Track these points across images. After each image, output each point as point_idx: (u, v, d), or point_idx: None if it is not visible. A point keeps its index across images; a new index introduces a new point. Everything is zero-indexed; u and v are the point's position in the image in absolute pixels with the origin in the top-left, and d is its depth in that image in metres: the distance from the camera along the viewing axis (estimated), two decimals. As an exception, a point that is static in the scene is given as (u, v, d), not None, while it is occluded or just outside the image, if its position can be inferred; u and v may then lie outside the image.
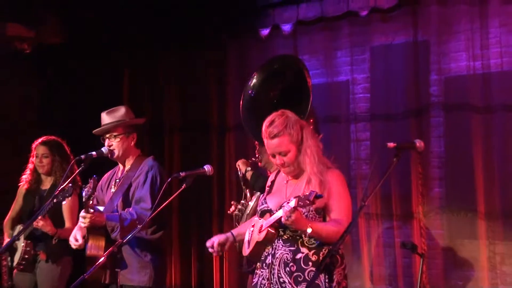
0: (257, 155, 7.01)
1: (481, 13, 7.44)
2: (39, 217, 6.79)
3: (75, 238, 6.29)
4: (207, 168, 5.69)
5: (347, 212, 5.12)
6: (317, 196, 4.75)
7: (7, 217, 7.59)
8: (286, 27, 8.68)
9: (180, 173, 5.60)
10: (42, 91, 10.20)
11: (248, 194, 6.95)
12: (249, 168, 6.88)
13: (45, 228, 7.00)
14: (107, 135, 6.43)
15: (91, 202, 5.86)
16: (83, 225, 5.97)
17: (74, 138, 7.75)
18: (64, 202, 6.86)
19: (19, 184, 7.63)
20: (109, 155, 6.42)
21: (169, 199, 5.55)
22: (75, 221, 7.17)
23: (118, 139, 6.41)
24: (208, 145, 9.30)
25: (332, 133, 7.44)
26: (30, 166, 7.56)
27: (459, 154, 7.60)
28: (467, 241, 7.60)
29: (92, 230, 6.16)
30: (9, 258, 7.13)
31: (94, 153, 6.27)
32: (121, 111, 6.53)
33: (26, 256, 7.15)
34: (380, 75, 8.22)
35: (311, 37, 8.58)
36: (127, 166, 6.52)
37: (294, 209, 4.75)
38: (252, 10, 8.92)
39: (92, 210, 5.84)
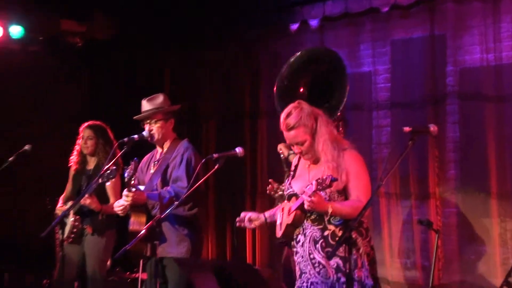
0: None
1: (494, 9, 7.42)
2: (86, 195, 6.88)
3: (118, 202, 6.39)
4: (238, 150, 5.73)
5: (366, 189, 5.13)
6: (333, 180, 4.81)
7: (62, 196, 7.68)
8: (314, 23, 8.66)
9: (214, 154, 5.66)
10: (90, 80, 10.29)
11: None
12: (291, 151, 6.90)
13: (92, 205, 7.07)
14: (148, 121, 6.48)
15: (132, 182, 5.93)
16: (126, 203, 6.04)
17: (117, 124, 7.80)
18: (108, 183, 6.94)
19: (69, 165, 7.72)
20: (149, 139, 6.48)
21: (203, 179, 5.60)
22: (118, 198, 7.26)
23: (157, 124, 6.46)
24: (241, 130, 9.30)
25: (355, 120, 7.46)
26: (76, 147, 7.61)
27: (473, 139, 7.57)
28: (480, 219, 7.58)
29: (134, 208, 6.23)
30: (60, 231, 7.21)
31: (135, 136, 6.33)
32: (160, 98, 6.58)
33: (75, 230, 7.22)
34: (399, 66, 8.21)
35: (336, 32, 8.57)
36: (165, 149, 6.56)
37: (313, 192, 4.80)
38: (283, 7, 8.92)
39: (133, 189, 5.92)
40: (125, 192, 5.99)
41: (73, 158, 7.65)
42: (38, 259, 8.69)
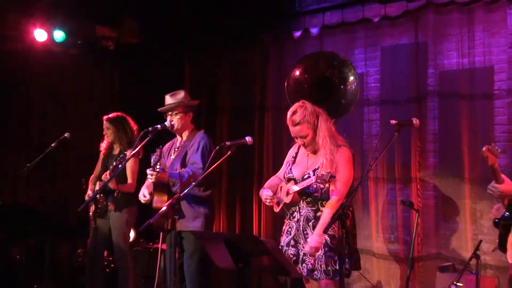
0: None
1: (469, 20, 7.40)
2: (106, 173, 6.96)
3: (143, 195, 6.45)
4: (248, 138, 5.78)
5: (347, 182, 5.37)
6: (332, 177, 4.99)
7: (92, 177, 7.74)
8: (314, 30, 8.66)
9: (226, 142, 5.72)
10: (121, 78, 10.33)
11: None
12: None
13: (110, 185, 7.14)
14: (170, 113, 6.55)
15: (158, 167, 5.99)
16: (150, 180, 6.09)
17: (142, 115, 7.83)
18: (127, 168, 6.99)
19: (100, 150, 7.80)
20: (170, 128, 6.53)
21: (217, 163, 5.65)
22: (135, 179, 7.36)
23: (178, 116, 6.52)
24: (251, 122, 9.29)
25: (349, 114, 7.47)
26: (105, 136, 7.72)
27: (450, 132, 7.56)
28: (454, 200, 7.58)
29: (157, 188, 6.29)
30: (93, 207, 7.28)
31: (159, 126, 6.37)
32: (181, 94, 6.64)
33: (99, 206, 7.32)
34: (388, 69, 8.19)
35: (334, 38, 8.55)
36: (184, 138, 6.62)
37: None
38: (288, 17, 8.92)
39: (157, 171, 5.98)
40: (150, 171, 6.04)
41: (103, 145, 7.73)
42: (74, 231, 8.78)
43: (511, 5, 7.08)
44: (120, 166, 6.58)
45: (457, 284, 6.21)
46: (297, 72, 7.10)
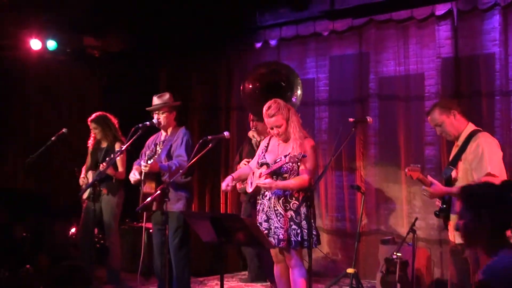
0: (252, 126, 7.15)
1: (404, 35, 7.54)
2: (104, 164, 6.88)
3: (134, 174, 6.45)
4: (226, 133, 5.82)
5: (313, 167, 5.39)
6: (303, 156, 5.03)
7: (84, 167, 7.68)
8: (273, 42, 8.71)
9: (208, 136, 5.75)
10: (105, 82, 10.26)
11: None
12: (263, 136, 6.96)
13: (109, 172, 7.10)
14: (157, 112, 6.55)
15: (151, 160, 6.03)
16: (144, 170, 6.11)
17: (125, 115, 7.80)
18: (118, 158, 6.97)
19: (88, 146, 7.72)
20: (157, 125, 6.54)
21: (200, 154, 5.66)
22: (124, 167, 7.29)
23: (164, 115, 6.51)
24: (218, 120, 9.32)
25: (303, 113, 7.43)
26: (92, 134, 7.63)
27: (388, 127, 7.65)
28: (392, 184, 7.73)
29: (148, 176, 6.29)
30: (87, 192, 7.27)
31: (148, 123, 6.36)
32: (166, 96, 6.64)
33: (94, 191, 7.18)
34: (336, 75, 8.25)
35: (289, 49, 8.60)
36: (168, 133, 6.61)
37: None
38: (251, 30, 8.94)
39: (150, 161, 6.00)
40: (143, 163, 6.07)
41: (90, 141, 7.66)
42: (67, 212, 8.73)
43: (438, 23, 7.22)
44: (112, 156, 6.61)
45: (397, 254, 6.34)
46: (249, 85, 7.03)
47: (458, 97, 6.92)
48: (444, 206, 5.08)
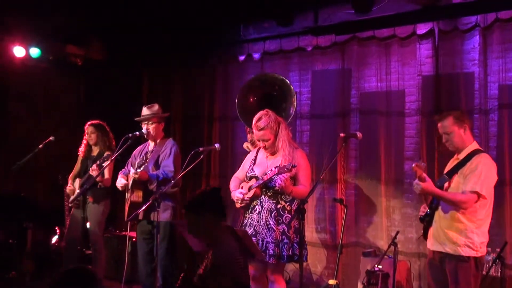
0: (248, 138, 7.17)
1: (386, 52, 7.61)
2: (93, 167, 6.96)
3: (120, 181, 6.53)
4: (217, 145, 5.94)
5: (309, 179, 5.48)
6: (293, 166, 5.08)
7: (71, 174, 7.72)
8: (256, 55, 8.75)
9: (200, 148, 5.84)
10: (87, 90, 10.28)
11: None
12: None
13: (97, 178, 7.12)
14: (146, 122, 6.64)
15: (141, 169, 6.11)
16: (134, 177, 6.20)
17: (107, 122, 7.84)
18: (103, 164, 7.02)
19: (78, 153, 7.75)
20: (146, 135, 6.64)
21: (191, 166, 5.77)
22: (111, 174, 7.34)
23: (153, 125, 6.63)
24: (201, 130, 9.32)
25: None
26: (84, 141, 7.68)
27: (369, 141, 7.66)
28: (371, 197, 7.80)
29: (135, 184, 6.37)
30: (71, 200, 7.32)
31: (137, 133, 6.51)
32: (156, 107, 6.74)
33: (79, 198, 7.27)
34: (318, 89, 8.30)
35: (272, 63, 8.63)
36: (156, 143, 6.73)
37: (285, 179, 5.09)
38: (235, 43, 8.99)
39: (139, 170, 6.08)
40: (133, 170, 6.16)
41: (82, 148, 7.71)
42: (50, 218, 8.71)
43: (420, 41, 7.33)
44: (100, 162, 6.73)
45: (379, 266, 6.48)
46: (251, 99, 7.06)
47: (438, 114, 7.05)
48: (429, 211, 5.19)
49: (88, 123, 7.68)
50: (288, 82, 6.85)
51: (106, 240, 8.18)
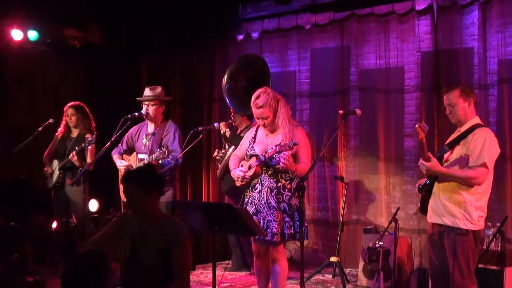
0: (232, 118, 7.23)
1: (385, 29, 7.61)
2: (73, 153, 7.00)
3: (121, 163, 6.61)
4: (216, 125, 5.93)
5: (310, 156, 5.40)
6: (295, 144, 5.04)
7: (45, 154, 7.69)
8: (255, 35, 8.72)
9: (199, 128, 5.81)
10: (85, 73, 10.22)
11: (226, 146, 7.19)
12: (227, 129, 7.09)
13: (76, 162, 7.14)
14: (147, 103, 6.62)
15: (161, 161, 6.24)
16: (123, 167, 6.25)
17: (104, 104, 7.81)
18: (89, 147, 7.03)
19: (56, 133, 7.74)
20: (145, 116, 6.62)
21: (191, 145, 5.77)
22: (93, 158, 7.19)
23: (154, 107, 6.60)
24: (201, 111, 9.31)
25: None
26: (63, 122, 7.66)
27: (368, 119, 7.67)
28: (371, 175, 7.82)
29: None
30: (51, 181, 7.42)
31: (136, 113, 6.48)
32: (158, 89, 6.70)
33: (59, 181, 7.39)
34: (317, 67, 8.31)
35: (271, 41, 8.63)
36: (157, 125, 6.70)
37: (288, 157, 5.07)
38: (233, 23, 8.94)
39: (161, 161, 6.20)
40: (147, 158, 6.26)
41: (60, 129, 7.66)
42: (50, 202, 8.70)
43: (419, 17, 7.32)
44: (86, 146, 6.91)
45: (380, 243, 6.48)
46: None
47: (437, 90, 7.07)
48: (428, 182, 5.16)
49: (68, 104, 7.63)
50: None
51: (107, 221, 8.14)
